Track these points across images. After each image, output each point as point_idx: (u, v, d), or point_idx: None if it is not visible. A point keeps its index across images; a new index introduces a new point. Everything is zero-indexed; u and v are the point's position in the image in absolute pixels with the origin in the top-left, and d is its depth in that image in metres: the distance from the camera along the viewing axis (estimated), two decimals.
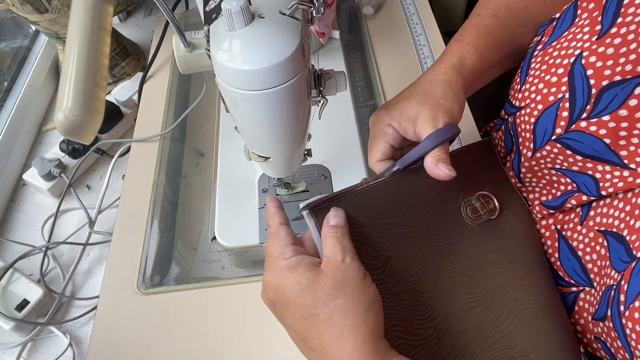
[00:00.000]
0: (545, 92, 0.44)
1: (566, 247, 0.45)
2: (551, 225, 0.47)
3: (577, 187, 0.43)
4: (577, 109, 0.41)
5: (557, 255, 0.46)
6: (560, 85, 0.42)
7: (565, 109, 0.42)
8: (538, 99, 0.45)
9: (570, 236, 0.45)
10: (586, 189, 0.42)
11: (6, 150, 0.71)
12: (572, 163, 0.43)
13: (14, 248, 0.64)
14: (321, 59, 0.70)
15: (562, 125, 0.42)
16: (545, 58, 0.45)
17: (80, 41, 0.45)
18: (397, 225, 0.43)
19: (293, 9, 0.34)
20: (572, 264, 0.44)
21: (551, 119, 0.43)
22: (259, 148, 0.44)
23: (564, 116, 0.42)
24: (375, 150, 0.47)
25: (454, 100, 0.45)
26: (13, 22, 0.87)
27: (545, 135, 0.44)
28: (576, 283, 0.45)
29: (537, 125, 0.45)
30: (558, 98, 0.42)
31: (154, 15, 0.94)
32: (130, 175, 0.61)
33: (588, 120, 0.40)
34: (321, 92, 0.44)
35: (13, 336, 0.56)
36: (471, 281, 0.43)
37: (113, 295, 0.51)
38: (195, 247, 0.56)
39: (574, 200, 0.43)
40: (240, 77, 0.34)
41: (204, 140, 0.68)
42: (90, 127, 0.43)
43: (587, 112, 0.40)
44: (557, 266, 0.46)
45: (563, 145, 0.42)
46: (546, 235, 0.48)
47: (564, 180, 0.45)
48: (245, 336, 0.47)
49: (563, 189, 0.45)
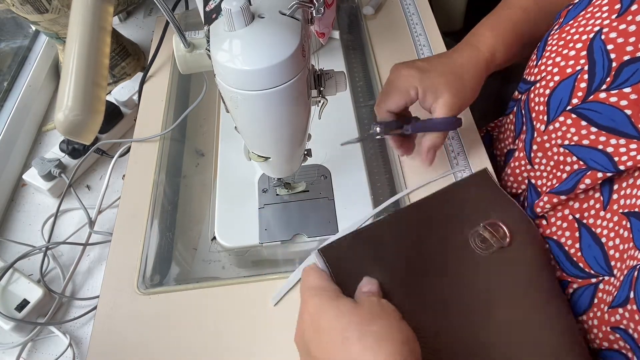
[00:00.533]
0: (563, 65, 0.44)
1: (588, 235, 0.44)
2: (568, 216, 0.46)
3: (586, 164, 0.42)
4: (597, 80, 0.41)
5: (577, 245, 0.45)
6: (579, 59, 0.42)
7: (584, 80, 0.42)
8: (555, 71, 0.45)
9: (594, 223, 0.44)
10: (598, 164, 0.41)
11: (6, 150, 0.71)
12: (583, 136, 0.42)
13: (14, 248, 0.64)
14: (321, 59, 0.70)
15: (579, 95, 0.42)
16: (563, 35, 0.45)
17: (81, 41, 0.45)
18: (403, 263, 0.44)
19: (293, 9, 0.34)
20: (594, 252, 0.43)
21: (568, 90, 0.43)
22: (259, 148, 0.44)
23: (581, 87, 0.42)
24: (392, 102, 0.50)
25: (473, 95, 0.50)
26: (13, 22, 0.87)
27: (560, 106, 0.44)
28: (596, 273, 0.44)
29: (552, 97, 0.45)
30: (576, 70, 0.42)
31: (154, 15, 0.94)
32: (130, 175, 0.61)
33: (608, 92, 0.40)
34: (321, 92, 0.44)
35: (13, 336, 0.56)
36: (486, 318, 0.42)
37: (113, 295, 0.51)
38: (195, 247, 0.56)
39: (588, 180, 0.42)
40: (241, 77, 0.34)
41: (204, 140, 0.68)
42: (90, 127, 0.43)
43: (606, 84, 0.40)
44: (577, 257, 0.45)
45: (578, 115, 0.42)
46: (563, 227, 0.47)
47: (570, 160, 0.44)
48: (245, 336, 0.47)
49: (569, 169, 0.45)
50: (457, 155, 0.58)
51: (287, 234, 0.52)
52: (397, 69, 0.51)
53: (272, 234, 0.53)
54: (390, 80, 0.51)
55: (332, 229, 0.52)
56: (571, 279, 0.46)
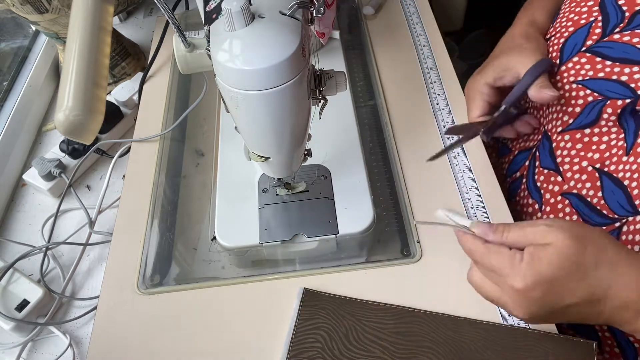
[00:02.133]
0: (576, 19, 0.49)
1: (610, 181, 0.46)
2: (587, 167, 0.48)
3: (602, 94, 0.45)
4: (611, 25, 0.45)
5: (600, 194, 0.47)
6: (592, 12, 0.47)
7: (598, 27, 0.46)
8: (569, 24, 0.49)
9: (615, 169, 0.45)
10: (615, 93, 0.44)
11: (6, 150, 0.71)
12: (598, 70, 0.45)
13: (14, 248, 0.64)
14: (321, 59, 0.70)
15: (593, 38, 0.46)
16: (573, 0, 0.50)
17: (81, 41, 0.45)
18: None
19: (293, 9, 0.34)
20: (617, 197, 0.45)
21: (582, 36, 0.47)
22: (259, 148, 0.44)
23: (596, 32, 0.46)
24: (474, 108, 0.53)
25: (536, 42, 0.52)
26: (13, 22, 0.87)
27: (574, 49, 0.48)
28: (620, 217, 0.45)
29: (566, 44, 0.49)
30: (589, 20, 0.47)
31: (154, 15, 0.94)
32: (130, 175, 0.61)
33: (621, 33, 0.44)
34: (321, 92, 0.44)
35: (13, 336, 0.56)
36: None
37: (113, 295, 0.50)
38: (195, 247, 0.56)
39: (610, 109, 0.44)
40: (241, 77, 0.34)
41: (204, 140, 0.68)
42: (90, 127, 0.43)
43: (620, 28, 0.44)
44: (600, 205, 0.47)
45: (592, 53, 0.46)
46: (582, 179, 0.49)
47: (582, 94, 0.47)
48: (245, 336, 0.47)
49: (582, 102, 0.47)
50: (457, 156, 0.58)
51: (287, 234, 0.52)
52: (467, 86, 0.56)
53: (272, 234, 0.53)
54: (466, 95, 0.56)
55: (332, 229, 0.52)
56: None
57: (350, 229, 0.52)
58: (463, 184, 0.55)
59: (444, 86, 0.65)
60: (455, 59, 0.81)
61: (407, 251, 0.52)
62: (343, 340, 0.44)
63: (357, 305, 0.47)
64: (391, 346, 0.44)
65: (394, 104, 0.64)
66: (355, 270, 0.50)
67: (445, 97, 0.64)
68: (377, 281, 0.49)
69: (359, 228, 0.52)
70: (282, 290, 0.49)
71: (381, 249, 0.53)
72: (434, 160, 0.48)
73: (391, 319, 0.46)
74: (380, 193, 0.58)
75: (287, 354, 0.44)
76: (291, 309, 0.47)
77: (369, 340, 0.44)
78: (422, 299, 0.47)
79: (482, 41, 1.21)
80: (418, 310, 0.46)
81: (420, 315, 0.46)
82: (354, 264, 0.51)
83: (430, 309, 0.46)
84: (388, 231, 0.55)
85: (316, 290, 0.48)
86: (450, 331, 0.45)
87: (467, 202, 0.54)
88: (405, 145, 0.60)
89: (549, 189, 0.54)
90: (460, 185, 0.55)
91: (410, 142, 0.60)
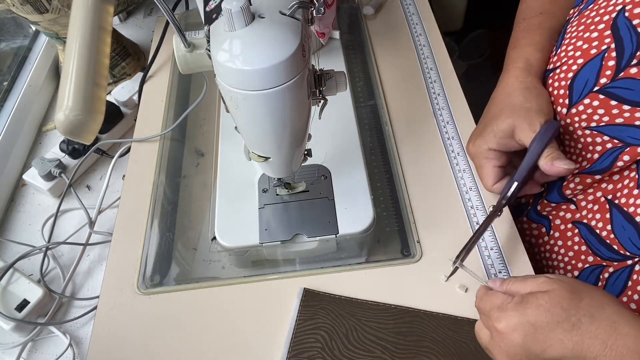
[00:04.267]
0: (586, 47, 0.43)
1: (620, 215, 0.43)
2: (600, 198, 0.46)
3: (622, 141, 0.41)
4: (626, 55, 0.40)
5: (609, 227, 0.44)
6: (603, 38, 0.41)
7: (612, 58, 0.40)
8: (577, 55, 0.44)
9: (626, 203, 0.42)
10: (636, 140, 0.40)
11: (6, 150, 0.71)
12: (615, 115, 0.41)
13: (14, 248, 0.64)
14: (321, 59, 0.70)
15: (607, 74, 0.41)
16: (582, 20, 0.45)
17: (81, 41, 0.45)
18: None
19: (293, 9, 0.34)
20: (629, 233, 0.42)
21: (594, 71, 0.42)
22: (259, 148, 0.44)
23: (609, 65, 0.41)
24: (487, 177, 0.49)
25: (537, 99, 0.46)
26: (13, 22, 0.87)
27: (585, 89, 0.43)
28: (632, 255, 0.43)
29: (576, 80, 0.44)
30: (602, 50, 0.41)
31: (154, 15, 0.94)
32: (130, 175, 0.61)
33: (638, 67, 0.38)
34: (321, 92, 0.44)
35: (13, 336, 0.56)
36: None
37: (113, 295, 0.50)
38: (195, 247, 0.56)
39: (627, 156, 0.41)
40: (241, 77, 0.34)
41: (204, 140, 0.68)
42: (90, 127, 0.43)
43: (637, 59, 0.39)
44: (610, 239, 0.44)
45: (607, 95, 0.41)
46: (594, 210, 0.46)
47: (600, 140, 0.43)
48: (245, 336, 0.47)
49: (600, 149, 0.43)
50: (457, 156, 0.58)
51: (287, 234, 0.52)
52: (468, 150, 0.51)
53: (272, 234, 0.53)
54: (472, 160, 0.52)
55: (332, 229, 0.52)
56: (606, 262, 0.46)
57: (350, 229, 0.52)
58: (463, 184, 0.55)
59: (444, 86, 0.65)
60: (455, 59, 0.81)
61: (407, 251, 0.52)
62: (343, 340, 0.44)
63: (357, 305, 0.47)
64: (391, 346, 0.44)
65: (394, 104, 0.64)
66: (355, 270, 0.50)
67: (445, 97, 0.64)
68: (377, 281, 0.49)
69: (359, 228, 0.52)
70: (282, 290, 0.49)
71: (381, 249, 0.53)
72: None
73: (391, 319, 0.46)
74: (380, 193, 0.58)
75: (287, 354, 0.44)
76: (291, 309, 0.47)
77: (369, 340, 0.44)
78: (422, 299, 0.47)
79: (482, 41, 1.21)
80: (418, 310, 0.46)
81: (420, 315, 0.46)
82: (354, 264, 0.51)
83: (430, 309, 0.46)
84: (388, 231, 0.55)
85: (316, 290, 0.48)
86: (450, 331, 0.45)
87: (467, 202, 0.54)
88: (405, 145, 0.60)
89: (560, 215, 0.51)
90: (460, 185, 0.55)
91: (410, 142, 0.60)
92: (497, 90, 0.50)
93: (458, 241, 0.51)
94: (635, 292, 0.42)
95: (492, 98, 0.50)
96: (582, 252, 0.48)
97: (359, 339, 0.45)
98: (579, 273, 0.49)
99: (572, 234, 0.49)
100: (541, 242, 0.54)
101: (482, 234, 0.46)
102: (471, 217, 0.52)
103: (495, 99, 0.49)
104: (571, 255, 0.50)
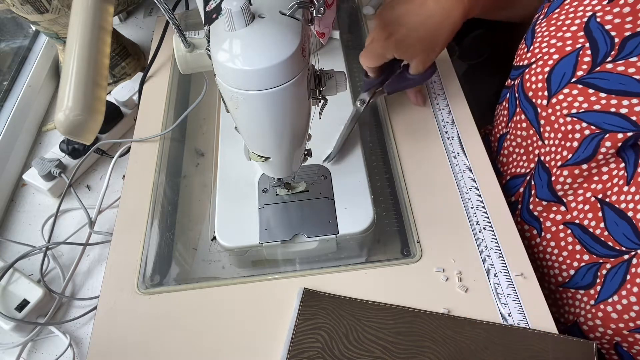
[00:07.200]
0: (560, 45, 0.45)
1: (612, 212, 0.44)
2: (590, 198, 0.46)
3: (599, 127, 0.42)
4: (601, 54, 0.42)
5: (602, 225, 0.45)
6: (577, 38, 0.44)
7: (587, 55, 0.43)
8: (552, 51, 0.46)
9: (617, 200, 0.43)
10: (614, 126, 0.41)
11: (6, 150, 0.71)
12: (593, 102, 0.43)
13: (14, 248, 0.64)
14: (321, 59, 0.70)
15: (584, 68, 0.43)
16: (552, 21, 0.47)
17: (81, 41, 0.45)
18: None
19: (293, 9, 0.34)
20: (622, 229, 0.43)
21: (570, 65, 0.44)
22: (259, 148, 0.44)
23: (585, 61, 0.43)
24: (373, 64, 0.55)
25: (445, 45, 0.54)
26: (13, 22, 0.87)
27: (563, 80, 0.45)
28: (628, 249, 0.43)
29: (553, 73, 0.46)
30: (576, 48, 0.44)
31: (154, 15, 0.94)
32: (130, 175, 0.61)
33: (615, 63, 0.41)
34: (321, 92, 0.44)
35: (13, 336, 0.56)
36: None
37: (113, 295, 0.50)
38: (195, 247, 0.56)
39: (608, 142, 0.42)
40: (241, 77, 0.34)
41: (204, 140, 0.68)
42: (90, 127, 0.43)
43: (612, 57, 0.41)
44: (604, 237, 0.45)
45: (585, 85, 0.43)
46: (585, 210, 0.47)
47: (579, 127, 0.44)
48: (245, 336, 0.47)
49: (579, 136, 0.45)
50: (457, 156, 0.58)
51: (287, 234, 0.52)
52: (375, 33, 0.54)
53: (272, 234, 0.53)
54: (370, 44, 0.54)
55: (332, 229, 0.52)
56: (603, 259, 0.46)
57: (350, 229, 0.52)
58: (463, 184, 0.55)
59: (444, 86, 0.65)
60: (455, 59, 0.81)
61: (407, 251, 0.52)
62: (343, 340, 0.44)
63: (357, 305, 0.47)
64: (391, 346, 0.44)
65: (393, 104, 0.64)
66: (355, 270, 0.50)
67: (445, 96, 0.64)
68: (377, 281, 0.49)
69: (359, 228, 0.52)
70: (282, 290, 0.49)
71: (381, 249, 0.53)
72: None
73: (391, 319, 0.46)
74: (380, 193, 0.58)
75: (287, 354, 0.44)
76: (291, 309, 0.47)
77: (369, 340, 0.44)
78: (422, 299, 0.47)
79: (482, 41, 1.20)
80: (418, 310, 0.46)
81: (420, 315, 0.46)
82: (354, 264, 0.51)
83: (430, 309, 0.46)
84: (388, 231, 0.55)
85: (316, 290, 0.48)
86: (450, 331, 0.45)
87: (467, 202, 0.54)
88: (405, 145, 0.60)
89: (550, 217, 0.52)
90: (460, 185, 0.55)
91: (410, 142, 0.60)
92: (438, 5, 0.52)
93: (458, 241, 0.51)
94: (635, 284, 0.43)
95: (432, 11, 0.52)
96: (577, 252, 0.49)
97: (359, 339, 0.44)
98: (576, 272, 0.50)
99: (565, 235, 0.50)
100: (534, 244, 0.54)
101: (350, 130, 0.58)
102: (471, 217, 0.52)
103: (431, 18, 0.52)
104: (565, 255, 0.50)
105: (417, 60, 0.54)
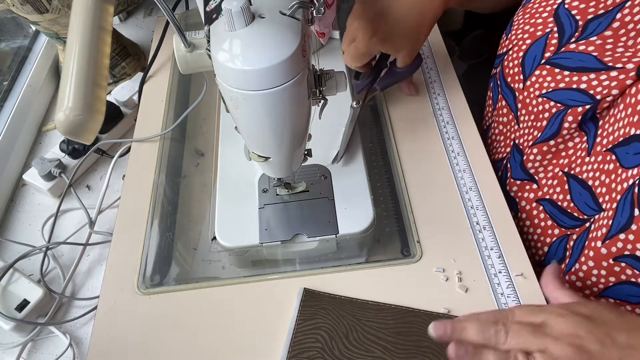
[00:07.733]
0: (532, 31, 0.49)
1: (576, 183, 0.47)
2: (558, 173, 0.49)
3: (564, 104, 0.46)
4: (566, 35, 0.46)
5: (568, 197, 0.48)
6: (547, 24, 0.48)
7: (555, 37, 0.47)
8: (525, 37, 0.50)
9: (580, 171, 0.46)
10: (575, 101, 0.45)
11: (6, 150, 0.71)
12: (558, 81, 0.46)
13: (14, 248, 0.64)
14: (321, 59, 0.70)
15: (551, 50, 0.47)
16: (527, 10, 0.51)
17: (81, 41, 0.45)
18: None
19: (293, 9, 0.34)
20: (584, 198, 0.46)
21: (540, 47, 0.48)
22: (259, 148, 0.44)
23: (553, 43, 0.47)
24: (360, 62, 0.56)
25: (429, 31, 0.54)
26: (13, 22, 0.87)
27: (535, 62, 0.49)
28: (588, 217, 0.46)
29: (526, 57, 0.49)
30: (546, 32, 0.48)
31: (154, 15, 0.94)
32: (130, 175, 0.61)
33: (577, 43, 0.45)
34: (321, 92, 0.44)
35: (13, 336, 0.56)
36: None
37: (113, 295, 0.50)
38: (195, 247, 0.56)
39: (570, 117, 0.45)
40: (241, 77, 0.34)
41: (204, 140, 0.68)
42: (91, 127, 0.43)
43: (575, 37, 0.45)
44: (570, 208, 0.48)
45: (552, 65, 0.47)
46: (554, 185, 0.50)
47: (547, 106, 0.47)
48: (245, 336, 0.47)
49: (547, 115, 0.48)
50: (457, 156, 0.58)
51: (287, 234, 0.52)
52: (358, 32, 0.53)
53: (272, 234, 0.53)
54: (354, 44, 0.54)
55: (332, 229, 0.52)
56: (570, 231, 0.48)
57: (350, 229, 0.52)
58: (463, 184, 0.55)
59: (444, 86, 0.65)
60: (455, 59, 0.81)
61: (407, 251, 0.52)
62: (343, 340, 0.44)
63: (357, 305, 0.47)
64: (391, 346, 0.44)
65: (393, 104, 0.64)
66: (355, 270, 0.50)
67: (445, 96, 0.64)
68: (377, 281, 0.49)
69: (359, 228, 0.52)
70: (282, 290, 0.49)
71: (381, 249, 0.53)
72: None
73: (391, 319, 0.46)
74: (380, 193, 0.58)
75: (287, 354, 0.44)
76: (291, 309, 0.47)
77: (369, 340, 0.44)
78: (422, 299, 0.47)
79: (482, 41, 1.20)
80: (418, 310, 0.46)
81: (420, 315, 0.46)
82: (354, 264, 0.51)
83: (430, 309, 0.46)
84: (388, 231, 0.55)
85: (316, 290, 0.48)
86: None
87: (467, 202, 0.54)
88: (405, 145, 0.60)
89: (525, 196, 0.54)
90: (460, 185, 0.55)
91: (410, 142, 0.60)
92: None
93: (458, 241, 0.51)
94: (591, 248, 0.44)
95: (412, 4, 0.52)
96: (549, 227, 0.51)
97: (359, 339, 0.44)
98: (549, 247, 0.52)
99: (538, 212, 0.53)
100: None
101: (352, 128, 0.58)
102: (471, 217, 0.52)
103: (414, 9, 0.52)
104: (539, 232, 0.53)
105: (403, 53, 0.55)
